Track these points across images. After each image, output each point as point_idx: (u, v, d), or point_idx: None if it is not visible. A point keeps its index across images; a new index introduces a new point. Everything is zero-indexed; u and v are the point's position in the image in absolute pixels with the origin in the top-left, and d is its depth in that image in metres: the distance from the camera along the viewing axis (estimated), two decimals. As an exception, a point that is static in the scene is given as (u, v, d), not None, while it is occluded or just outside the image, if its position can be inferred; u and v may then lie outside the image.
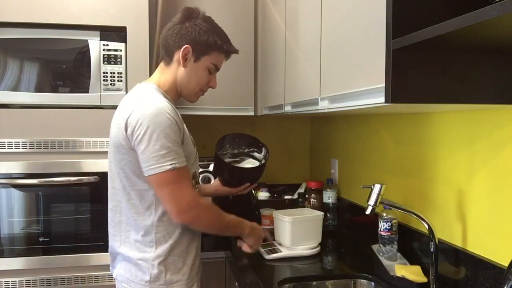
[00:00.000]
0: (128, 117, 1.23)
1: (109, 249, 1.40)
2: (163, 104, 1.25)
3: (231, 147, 1.74)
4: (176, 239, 1.32)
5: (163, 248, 1.30)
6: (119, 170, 1.30)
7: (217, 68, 1.41)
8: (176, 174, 1.22)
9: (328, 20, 1.34)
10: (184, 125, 1.33)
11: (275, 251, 1.65)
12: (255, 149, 1.70)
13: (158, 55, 2.03)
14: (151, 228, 1.30)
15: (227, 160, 1.69)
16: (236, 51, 1.43)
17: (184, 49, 1.33)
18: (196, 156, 1.41)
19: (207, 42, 1.34)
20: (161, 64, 1.41)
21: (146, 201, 1.29)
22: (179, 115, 1.31)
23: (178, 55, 1.34)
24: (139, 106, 1.23)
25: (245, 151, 1.72)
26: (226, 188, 1.67)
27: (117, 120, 1.29)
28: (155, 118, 1.20)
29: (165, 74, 1.38)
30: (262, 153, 1.69)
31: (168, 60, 1.37)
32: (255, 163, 1.70)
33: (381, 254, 1.45)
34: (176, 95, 1.41)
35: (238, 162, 1.72)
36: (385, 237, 1.45)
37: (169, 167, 1.20)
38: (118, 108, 1.34)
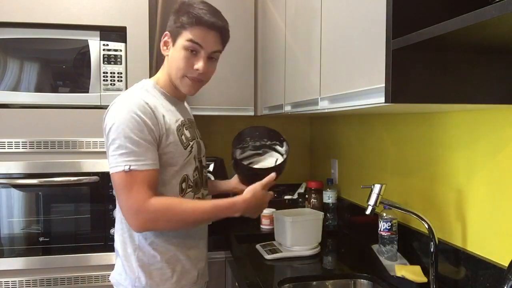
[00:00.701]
0: (105, 117, 1.23)
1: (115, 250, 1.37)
2: (135, 102, 1.20)
3: (252, 140, 1.69)
4: (161, 244, 1.26)
5: (147, 252, 1.26)
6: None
7: (197, 45, 1.25)
8: (130, 177, 1.15)
9: (328, 20, 1.34)
10: (174, 125, 1.27)
11: (275, 251, 1.65)
12: (277, 142, 1.66)
13: (158, 55, 2.04)
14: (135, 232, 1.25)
15: (248, 153, 1.65)
16: (210, 22, 1.25)
17: (163, 36, 1.30)
18: (189, 157, 1.31)
19: (176, 22, 1.27)
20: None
21: None
22: (166, 115, 1.25)
23: (161, 44, 1.32)
24: (112, 107, 1.23)
25: (267, 143, 1.66)
26: (244, 186, 1.60)
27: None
28: (119, 118, 1.17)
29: (162, 69, 1.36)
30: (284, 147, 1.64)
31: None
32: (278, 156, 1.67)
33: (381, 254, 1.45)
34: (174, 89, 1.34)
35: (261, 155, 1.67)
36: (385, 237, 1.45)
37: (121, 168, 1.15)
38: None
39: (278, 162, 1.56)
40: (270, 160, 1.62)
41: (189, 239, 1.33)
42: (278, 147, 1.65)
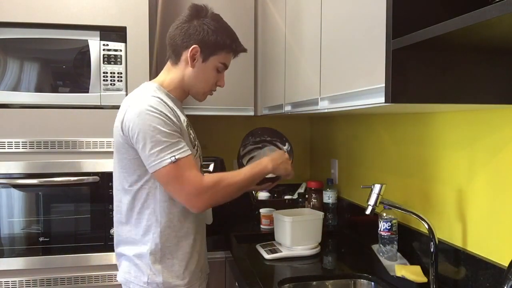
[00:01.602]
0: (122, 121, 1.26)
1: (115, 250, 1.40)
2: (152, 100, 1.25)
3: (253, 137, 1.71)
4: (174, 242, 1.31)
5: (160, 250, 1.30)
6: (121, 169, 1.31)
7: (225, 67, 1.40)
8: (177, 166, 1.21)
9: (328, 20, 1.34)
10: (184, 125, 1.32)
11: (275, 251, 1.65)
12: (277, 139, 1.68)
13: (158, 55, 2.04)
14: (147, 229, 1.30)
15: (249, 148, 1.67)
16: (245, 50, 1.43)
17: (192, 49, 1.32)
18: (196, 156, 1.38)
19: (216, 42, 1.33)
20: (168, 63, 1.41)
21: (139, 201, 1.29)
22: (178, 113, 1.31)
23: (186, 55, 1.33)
24: (129, 110, 1.26)
25: (267, 139, 1.69)
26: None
27: (116, 122, 1.31)
28: (141, 119, 1.22)
29: (171, 73, 1.38)
30: (286, 147, 1.66)
31: (175, 59, 1.37)
32: (276, 150, 1.68)
33: (381, 254, 1.45)
34: (183, 94, 1.41)
35: (260, 148, 1.69)
36: (385, 237, 1.45)
37: (168, 160, 1.21)
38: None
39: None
40: (270, 153, 1.62)
41: (197, 234, 1.38)
42: (278, 143, 1.65)
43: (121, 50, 1.84)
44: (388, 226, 1.44)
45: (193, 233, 1.36)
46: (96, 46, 1.82)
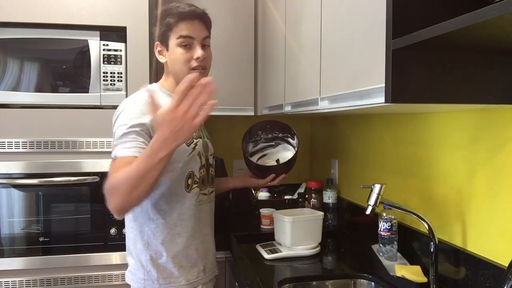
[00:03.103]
0: (115, 121, 1.32)
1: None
2: (136, 99, 1.31)
3: (265, 133, 1.70)
4: (169, 239, 1.33)
5: (155, 247, 1.33)
6: None
7: (188, 38, 1.33)
8: (111, 164, 1.23)
9: (328, 20, 1.34)
10: None
11: (275, 251, 1.65)
12: (288, 135, 1.66)
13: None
14: (142, 227, 1.34)
15: (261, 145, 1.67)
16: (193, 12, 1.33)
17: (155, 47, 1.40)
18: (192, 154, 1.37)
19: (164, 29, 1.37)
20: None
21: None
22: None
23: (156, 55, 1.41)
24: (120, 106, 1.33)
25: (280, 135, 1.68)
26: (254, 180, 1.65)
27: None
28: (122, 116, 1.28)
29: (165, 75, 1.45)
30: (295, 140, 1.64)
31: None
32: (290, 148, 1.67)
33: (381, 254, 1.45)
34: None
35: (274, 147, 1.69)
36: (385, 237, 1.45)
37: (113, 156, 1.24)
38: None
39: (290, 157, 1.58)
40: (283, 152, 1.62)
41: (197, 233, 1.39)
42: (290, 139, 1.65)
43: (121, 50, 1.84)
44: (388, 226, 1.44)
45: (189, 231, 1.37)
46: (96, 46, 1.82)
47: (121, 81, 1.84)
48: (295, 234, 1.66)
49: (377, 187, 1.30)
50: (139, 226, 1.34)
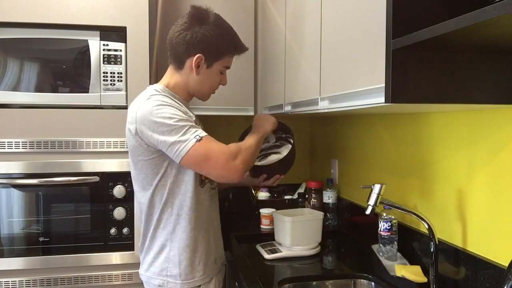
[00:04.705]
0: (136, 121, 1.29)
1: (140, 247, 1.46)
2: (155, 98, 1.29)
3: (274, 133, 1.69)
4: (188, 235, 1.35)
5: (176, 244, 1.35)
6: (137, 171, 1.36)
7: (228, 68, 1.45)
8: (204, 143, 1.25)
9: (328, 20, 1.34)
10: (193, 119, 1.37)
11: (275, 251, 1.65)
12: (289, 135, 1.66)
13: (158, 55, 2.04)
14: (164, 226, 1.36)
15: (265, 145, 1.66)
16: (247, 49, 1.46)
17: (196, 58, 1.35)
18: None
19: (219, 49, 1.37)
20: (171, 67, 1.43)
21: (157, 199, 1.35)
22: (185, 109, 1.35)
23: (190, 62, 1.36)
24: (140, 109, 1.28)
25: (283, 136, 1.67)
26: (250, 178, 1.65)
27: (127, 125, 1.35)
28: (153, 116, 1.25)
29: (175, 77, 1.41)
30: (292, 140, 1.64)
31: (179, 65, 1.39)
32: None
33: (381, 254, 1.45)
34: (188, 96, 1.45)
35: (279, 147, 1.68)
36: (385, 237, 1.45)
37: (194, 140, 1.24)
38: None
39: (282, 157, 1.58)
40: (286, 151, 1.62)
41: (210, 226, 1.43)
42: (290, 139, 1.65)
43: (121, 50, 1.84)
44: (388, 226, 1.44)
45: (205, 226, 1.40)
46: (96, 46, 1.82)
47: (121, 81, 1.84)
48: (295, 234, 1.66)
49: (377, 187, 1.30)
50: (158, 221, 1.36)
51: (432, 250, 1.23)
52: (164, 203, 1.34)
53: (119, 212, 1.82)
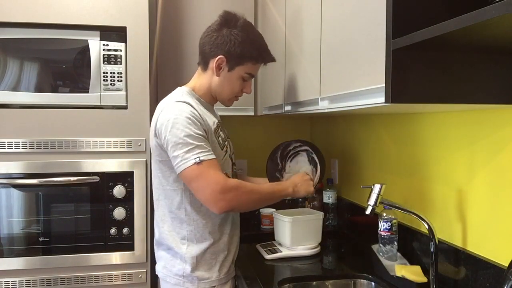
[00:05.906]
0: (156, 123, 1.33)
1: (154, 245, 1.48)
2: (183, 107, 1.31)
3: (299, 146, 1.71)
4: (208, 235, 1.37)
5: (194, 244, 1.36)
6: (157, 170, 1.39)
7: (252, 76, 1.45)
8: (202, 167, 1.25)
9: (328, 20, 1.34)
10: (213, 128, 1.38)
11: (275, 251, 1.65)
12: (314, 152, 1.68)
13: (158, 55, 2.04)
14: (182, 225, 1.37)
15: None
16: (273, 60, 1.47)
17: (218, 59, 1.37)
18: (225, 157, 1.43)
19: (242, 54, 1.38)
20: (199, 69, 1.47)
21: (175, 198, 1.36)
22: (206, 117, 1.36)
23: (213, 63, 1.39)
24: (163, 112, 1.32)
25: (309, 150, 1.69)
26: None
27: (151, 125, 1.39)
28: (170, 123, 1.27)
29: (201, 79, 1.45)
30: (319, 166, 1.65)
31: (204, 66, 1.43)
32: (314, 164, 1.69)
33: (381, 254, 1.45)
34: (212, 99, 1.47)
35: (304, 157, 1.71)
36: (385, 237, 1.45)
37: (193, 161, 1.24)
38: None
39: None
40: (303, 163, 1.67)
41: (233, 229, 1.45)
42: (315, 157, 1.66)
43: (121, 50, 1.84)
44: (388, 226, 1.44)
45: (229, 229, 1.42)
46: (96, 46, 1.82)
47: (121, 81, 1.84)
48: (295, 234, 1.66)
49: (377, 187, 1.30)
50: (180, 225, 1.37)
51: (432, 250, 1.23)
52: (181, 204, 1.36)
53: (119, 212, 1.81)
